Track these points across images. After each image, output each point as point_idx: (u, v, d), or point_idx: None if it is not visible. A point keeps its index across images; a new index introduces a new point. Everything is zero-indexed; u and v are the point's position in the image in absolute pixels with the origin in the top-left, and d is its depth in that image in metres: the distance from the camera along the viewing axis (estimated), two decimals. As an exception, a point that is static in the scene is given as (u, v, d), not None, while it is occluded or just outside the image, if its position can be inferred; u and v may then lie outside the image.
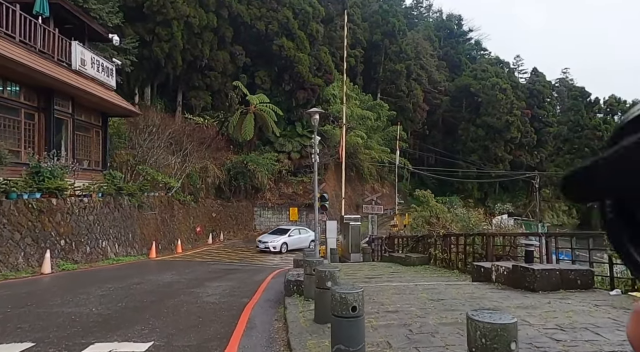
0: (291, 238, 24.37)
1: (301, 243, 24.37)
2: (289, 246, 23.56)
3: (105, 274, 11.79)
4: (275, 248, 23.13)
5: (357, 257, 15.99)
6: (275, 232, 25.18)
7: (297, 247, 23.52)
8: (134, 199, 20.10)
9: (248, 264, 18.26)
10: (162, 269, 14.40)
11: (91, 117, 18.93)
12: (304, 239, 25.06)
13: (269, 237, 24.14)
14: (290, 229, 25.21)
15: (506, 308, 5.45)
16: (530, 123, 68.03)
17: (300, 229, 26.12)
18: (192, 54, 30.01)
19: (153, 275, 12.01)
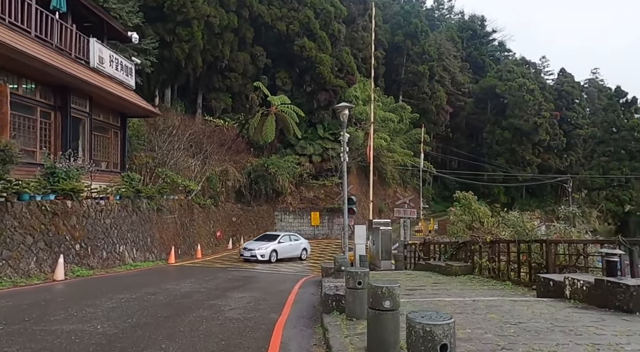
0: (281, 245, 21.61)
1: (292, 251, 22.23)
2: (279, 254, 21.00)
3: (120, 281, 10.96)
4: (264, 256, 20.20)
5: (387, 265, 14.80)
6: (263, 239, 22.24)
7: (288, 256, 21.61)
8: (152, 202, 19.40)
9: (270, 271, 17.26)
10: (181, 276, 13.51)
11: (109, 117, 18.33)
12: (295, 246, 22.64)
13: (256, 244, 21.14)
14: (280, 235, 22.31)
15: (613, 337, 4.26)
16: (559, 125, 65.57)
17: (291, 236, 23.18)
18: (212, 55, 29.43)
19: (171, 283, 11.11)
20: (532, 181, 62.08)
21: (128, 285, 10.46)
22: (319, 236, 35.12)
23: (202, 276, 13.44)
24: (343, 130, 12.99)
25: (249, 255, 20.35)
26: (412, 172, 55.85)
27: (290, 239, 22.58)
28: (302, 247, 22.67)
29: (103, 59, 16.98)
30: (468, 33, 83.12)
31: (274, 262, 20.18)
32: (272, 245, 20.89)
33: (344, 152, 12.97)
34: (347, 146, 37.57)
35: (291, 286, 11.07)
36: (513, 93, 60.57)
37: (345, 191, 12.97)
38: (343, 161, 12.97)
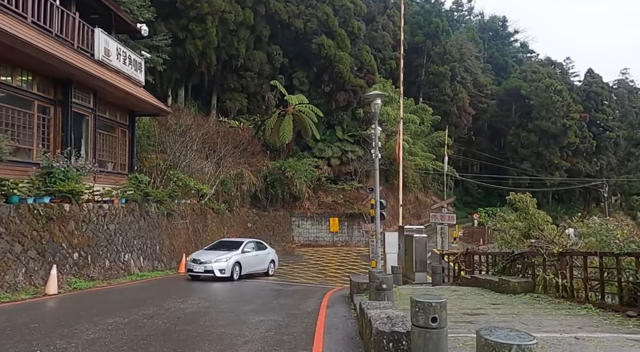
0: (246, 256, 15.53)
1: (258, 264, 16.44)
2: (243, 267, 15.10)
3: (117, 297, 9.45)
4: (224, 271, 14.09)
5: (422, 278, 13.03)
6: (218, 247, 15.89)
7: (253, 270, 15.95)
8: (162, 206, 18.00)
9: (289, 283, 15.61)
10: (189, 289, 11.96)
11: (117, 115, 17.04)
12: (262, 257, 16.83)
13: (211, 255, 14.82)
14: (243, 243, 16.01)
15: None
16: (587, 128, 62.56)
17: (256, 243, 17.07)
18: (227, 53, 28.17)
19: (176, 300, 9.56)
20: (560, 185, 59.19)
21: (125, 302, 8.93)
22: (338, 243, 33.38)
23: (214, 290, 11.86)
24: (374, 122, 11.38)
25: (201, 270, 14.22)
26: (433, 177, 53.71)
27: (256, 248, 16.53)
28: (270, 259, 17.21)
29: (109, 51, 15.72)
30: (489, 34, 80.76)
31: (237, 280, 14.47)
32: (233, 256, 14.68)
33: (375, 148, 11.34)
34: (367, 149, 35.76)
35: (316, 304, 9.39)
36: (539, 94, 57.99)
37: (377, 191, 11.29)
38: (375, 158, 11.33)
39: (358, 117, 37.08)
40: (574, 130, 57.12)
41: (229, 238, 19.56)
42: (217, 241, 17.64)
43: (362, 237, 33.91)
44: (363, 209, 33.80)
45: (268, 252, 17.56)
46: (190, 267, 14.68)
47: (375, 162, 11.45)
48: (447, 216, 12.95)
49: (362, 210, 33.74)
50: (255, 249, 16.54)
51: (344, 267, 22.74)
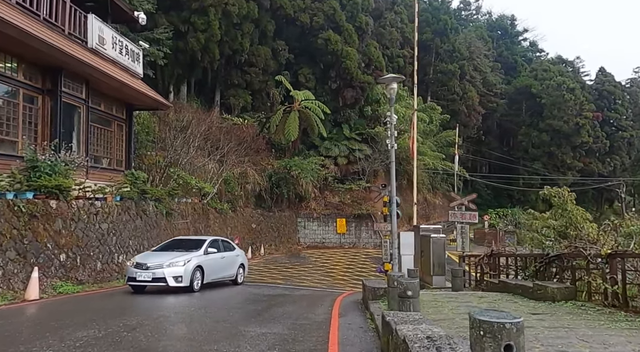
0: (210, 259, 11.76)
1: (225, 269, 12.67)
2: (207, 273, 11.47)
3: (103, 303, 8.43)
4: (180, 280, 10.51)
5: (441, 282, 11.87)
6: (172, 247, 12.11)
7: (219, 276, 12.28)
8: (161, 205, 17.00)
9: (295, 287, 14.51)
10: (185, 292, 10.89)
11: (113, 108, 16.07)
12: (230, 260, 12.95)
13: (162, 257, 11.06)
14: (206, 242, 12.22)
15: None
16: (600, 127, 61.02)
17: (222, 242, 13.28)
18: (230, 48, 27.21)
19: (166, 307, 8.50)
20: (572, 186, 57.60)
21: (109, 310, 7.89)
22: (346, 245, 32.24)
23: (213, 294, 10.80)
24: (390, 109, 10.28)
25: (147, 278, 10.47)
26: (442, 177, 52.45)
27: (222, 248, 12.78)
28: (239, 262, 13.45)
29: (104, 39, 14.76)
30: (497, 33, 79.37)
31: (198, 291, 10.86)
32: (194, 258, 11.04)
33: (391, 137, 10.26)
34: (375, 147, 34.67)
35: (327, 312, 8.29)
36: (551, 92, 56.57)
37: (394, 186, 10.20)
38: (391, 149, 10.23)
39: (366, 115, 35.99)
40: (586, 129, 55.65)
41: (187, 236, 15.77)
42: (170, 240, 13.56)
43: (370, 238, 32.75)
44: (372, 210, 32.65)
45: (237, 254, 13.56)
46: (132, 274, 10.59)
47: (391, 154, 10.36)
48: (469, 214, 11.77)
49: (370, 210, 32.59)
50: (221, 250, 12.58)
51: (352, 270, 21.61)
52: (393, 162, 10.16)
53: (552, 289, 8.00)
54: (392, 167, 10.14)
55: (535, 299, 8.25)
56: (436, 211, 50.42)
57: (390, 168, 10.19)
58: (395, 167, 36.46)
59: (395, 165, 36.24)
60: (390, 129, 10.36)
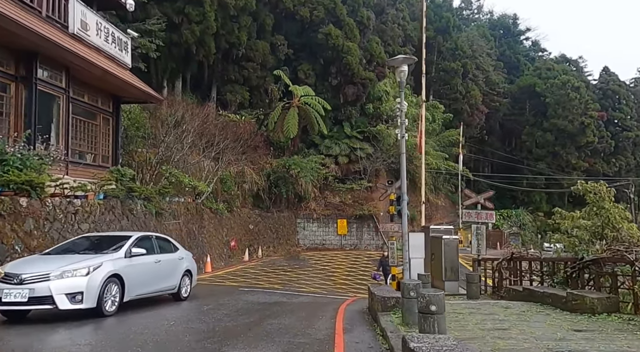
0: (135, 264, 8.22)
1: (163, 278, 9.12)
2: (129, 286, 7.90)
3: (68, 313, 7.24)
4: (78, 299, 6.99)
5: (454, 288, 10.76)
6: (76, 249, 8.34)
7: (151, 290, 8.78)
8: (150, 204, 15.86)
9: (294, 293, 13.37)
10: (171, 300, 9.76)
11: (98, 100, 14.95)
12: (170, 266, 9.43)
13: (49, 263, 7.48)
14: (129, 240, 8.60)
15: None
16: (605, 127, 59.95)
17: (157, 240, 9.77)
18: (227, 41, 26.13)
19: (145, 318, 7.38)
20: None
21: (74, 322, 6.74)
22: (347, 247, 31.13)
23: (201, 303, 9.66)
24: (400, 95, 9.17)
25: (20, 296, 6.81)
26: (445, 177, 51.33)
27: (156, 248, 9.26)
28: (183, 268, 9.91)
29: (87, 25, 13.65)
30: (500, 32, 78.28)
31: (114, 315, 7.46)
32: (106, 263, 7.65)
33: (401, 126, 9.16)
34: (377, 146, 33.52)
35: (329, 325, 7.16)
36: (555, 91, 55.47)
37: (404, 181, 9.10)
38: (401, 139, 9.14)
39: (367, 113, 34.92)
40: (592, 129, 54.58)
41: (105, 232, 11.47)
42: (74, 238, 9.52)
43: (372, 240, 31.67)
44: (374, 210, 31.59)
45: (180, 257, 9.88)
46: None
47: (402, 145, 9.25)
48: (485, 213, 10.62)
49: (372, 211, 31.52)
50: (156, 251, 9.03)
51: (354, 274, 20.49)
52: (403, 154, 9.05)
53: (591, 300, 6.87)
54: (402, 160, 9.04)
55: (570, 310, 7.12)
56: (439, 212, 49.28)
57: (401, 160, 9.09)
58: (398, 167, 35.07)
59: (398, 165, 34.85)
60: (401, 116, 9.26)
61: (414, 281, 6.29)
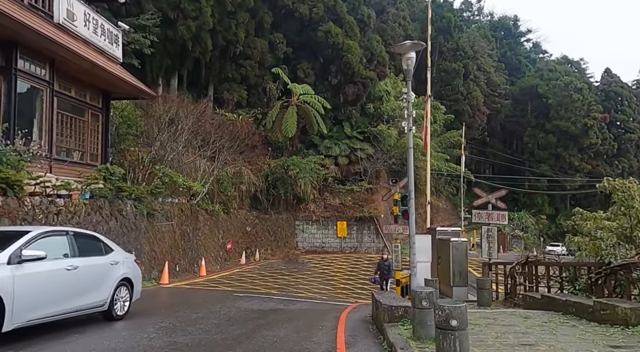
0: (26, 273, 5.62)
1: (81, 292, 6.54)
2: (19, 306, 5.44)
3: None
4: None
5: (462, 294, 10.00)
6: None
7: (64, 310, 6.27)
8: (141, 204, 15.13)
9: (292, 298, 12.61)
10: (155, 310, 9.02)
11: (86, 95, 14.22)
12: (95, 274, 6.89)
13: None
14: (21, 239, 5.84)
15: None
16: (607, 129, 59.33)
17: (74, 238, 6.78)
18: (224, 38, 25.42)
19: (122, 329, 6.62)
20: (579, 189, 55.80)
21: (37, 336, 5.99)
22: (347, 249, 30.36)
23: (190, 311, 8.91)
24: (407, 86, 8.47)
25: None
26: (446, 179, 50.59)
27: (71, 249, 6.63)
28: (119, 276, 7.46)
29: (74, 15, 12.93)
30: (501, 33, 77.80)
31: None
32: None
33: (409, 117, 8.49)
34: (378, 146, 32.73)
35: (330, 337, 6.43)
36: (557, 93, 54.91)
37: (411, 177, 8.38)
38: (408, 132, 8.45)
39: (368, 113, 34.21)
40: (595, 130, 53.91)
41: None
42: None
43: (372, 242, 30.91)
44: (374, 212, 30.84)
45: (113, 261, 7.43)
46: None
47: (409, 138, 8.54)
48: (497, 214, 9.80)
49: (373, 213, 30.78)
50: (71, 254, 6.57)
51: (354, 278, 19.74)
52: (411, 148, 8.34)
53: (624, 310, 6.11)
54: (409, 155, 8.33)
55: (598, 321, 6.37)
56: (440, 214, 48.53)
57: (408, 156, 8.38)
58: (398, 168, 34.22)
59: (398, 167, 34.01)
60: (408, 107, 8.55)
61: (426, 288, 5.54)
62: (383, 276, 14.88)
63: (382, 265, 15.13)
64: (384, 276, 14.84)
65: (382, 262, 15.15)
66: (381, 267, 15.16)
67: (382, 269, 15.03)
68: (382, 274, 14.93)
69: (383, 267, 15.05)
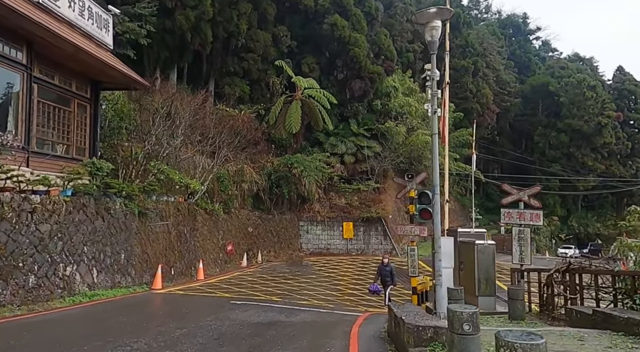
0: None
1: None
2: None
3: None
4: None
5: (489, 305, 8.67)
6: None
7: None
8: (132, 203, 13.96)
9: (295, 307, 11.37)
10: (143, 321, 7.81)
11: (72, 84, 13.07)
12: None
13: None
14: None
15: None
16: (620, 128, 57.59)
17: None
18: (225, 30, 24.26)
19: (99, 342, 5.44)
20: (591, 190, 54.13)
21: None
22: (353, 252, 29.09)
23: (175, 325, 7.68)
24: (432, 58, 7.20)
25: None
26: (454, 179, 49.17)
27: None
28: None
29: (58, -6, 11.78)
30: (509, 31, 76.28)
31: None
32: None
33: (433, 98, 7.22)
34: (385, 144, 31.43)
35: None
36: (570, 90, 53.31)
37: (436, 168, 7.14)
38: (433, 115, 7.16)
39: (375, 110, 32.92)
40: (609, 129, 52.21)
41: None
42: None
43: (380, 244, 29.62)
44: (382, 213, 29.56)
45: None
46: None
47: (433, 122, 7.27)
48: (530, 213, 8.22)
49: (381, 214, 29.49)
50: None
51: (362, 282, 18.42)
52: (436, 135, 7.10)
53: None
54: (434, 141, 7.09)
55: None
56: (449, 216, 47.14)
57: (433, 142, 7.13)
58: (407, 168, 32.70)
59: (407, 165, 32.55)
60: (432, 86, 7.29)
61: (468, 307, 4.27)
62: (385, 283, 13.07)
63: (383, 270, 13.23)
64: (386, 283, 13.03)
65: (383, 267, 13.27)
66: (382, 273, 13.24)
67: (384, 276, 13.19)
68: (384, 282, 13.12)
69: (384, 273, 13.18)
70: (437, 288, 6.82)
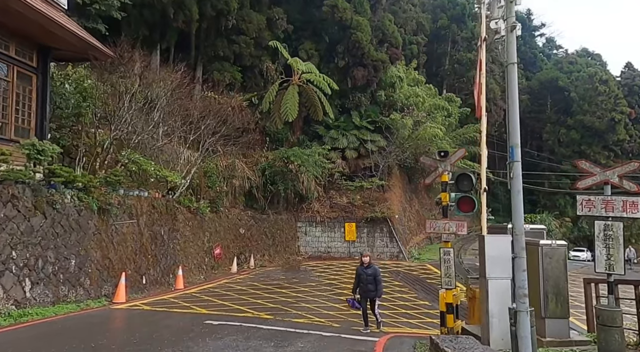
0: None
1: None
2: None
3: None
4: None
5: (562, 330, 6.01)
6: None
7: None
8: (90, 197, 11.30)
9: (289, 328, 8.72)
10: None
11: (10, 47, 10.46)
12: None
13: None
14: None
15: None
16: (632, 125, 55.23)
17: None
18: (213, 7, 21.70)
19: None
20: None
21: None
22: (356, 255, 26.32)
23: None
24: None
25: None
26: (461, 178, 46.63)
27: None
28: None
29: None
30: (514, 26, 73.98)
31: None
32: None
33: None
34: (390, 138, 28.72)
35: None
36: (580, 85, 50.92)
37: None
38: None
39: (379, 101, 30.34)
40: (623, 125, 49.75)
41: None
42: None
43: (386, 247, 26.95)
44: (388, 213, 26.90)
45: None
46: None
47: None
48: (622, 201, 5.61)
49: (386, 213, 26.82)
50: None
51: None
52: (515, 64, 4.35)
53: None
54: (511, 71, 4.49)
55: None
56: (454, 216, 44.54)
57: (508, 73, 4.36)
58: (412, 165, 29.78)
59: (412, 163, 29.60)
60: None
61: None
62: (367, 294, 9.12)
63: (363, 274, 9.20)
64: (368, 294, 9.12)
65: (363, 269, 9.27)
66: (361, 278, 9.25)
67: (365, 282, 9.12)
68: (365, 291, 9.13)
69: (365, 278, 9.15)
70: (521, 318, 4.15)
